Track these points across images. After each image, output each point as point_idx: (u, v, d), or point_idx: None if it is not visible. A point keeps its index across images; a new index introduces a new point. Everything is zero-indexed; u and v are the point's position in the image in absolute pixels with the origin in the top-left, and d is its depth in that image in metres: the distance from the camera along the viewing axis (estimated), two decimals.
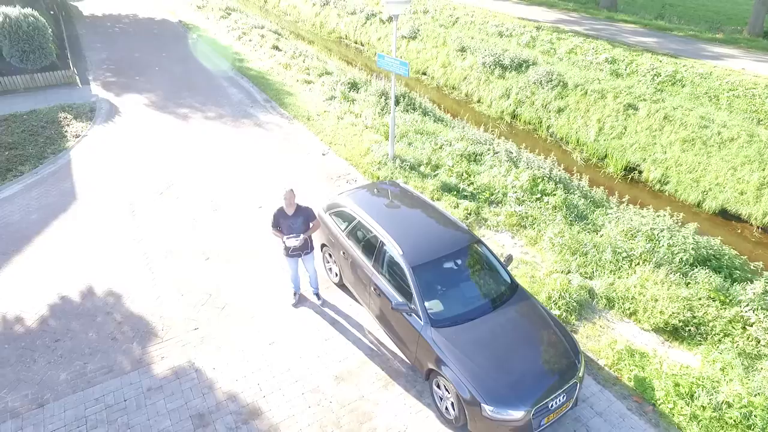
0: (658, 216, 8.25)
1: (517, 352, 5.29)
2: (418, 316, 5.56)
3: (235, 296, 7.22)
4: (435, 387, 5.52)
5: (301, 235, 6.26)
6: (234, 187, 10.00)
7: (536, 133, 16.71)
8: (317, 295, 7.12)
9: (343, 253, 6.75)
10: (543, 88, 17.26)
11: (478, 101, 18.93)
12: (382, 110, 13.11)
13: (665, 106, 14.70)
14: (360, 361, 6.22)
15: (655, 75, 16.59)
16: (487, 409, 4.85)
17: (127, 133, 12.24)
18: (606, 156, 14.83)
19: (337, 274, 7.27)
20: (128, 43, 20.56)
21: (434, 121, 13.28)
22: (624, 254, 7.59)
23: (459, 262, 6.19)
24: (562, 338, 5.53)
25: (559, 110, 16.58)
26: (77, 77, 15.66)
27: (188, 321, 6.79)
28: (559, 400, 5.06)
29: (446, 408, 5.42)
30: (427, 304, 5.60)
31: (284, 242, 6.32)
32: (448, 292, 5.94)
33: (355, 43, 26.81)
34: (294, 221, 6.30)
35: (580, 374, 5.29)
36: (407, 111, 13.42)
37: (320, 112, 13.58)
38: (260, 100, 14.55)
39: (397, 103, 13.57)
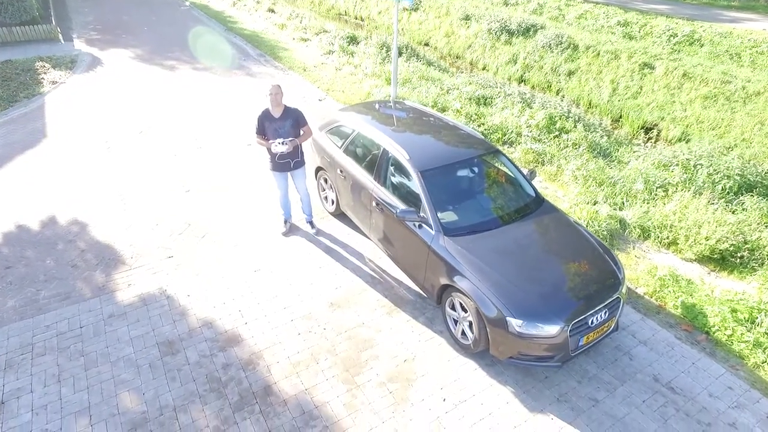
0: (691, 150, 7.39)
1: (548, 262, 4.41)
2: (429, 226, 4.67)
3: (218, 226, 6.34)
4: (449, 309, 4.63)
5: (291, 138, 5.38)
6: (221, 127, 9.12)
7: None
8: (311, 223, 6.23)
9: (341, 171, 5.87)
10: (552, 52, 16.39)
11: (484, 68, 18.02)
12: (383, 60, 12.23)
13: (684, 63, 13.85)
14: (359, 288, 5.33)
15: (671, 36, 15.74)
16: (515, 323, 3.97)
17: (109, 81, 11.35)
18: (621, 117, 13.93)
19: (333, 202, 6.39)
20: (117, 8, 19.65)
21: (440, 71, 12.41)
22: (658, 183, 6.71)
23: (475, 170, 5.33)
24: (600, 250, 4.66)
25: (570, 73, 15.70)
26: (60, 34, 14.76)
27: (162, 249, 5.90)
28: (600, 317, 4.18)
29: (462, 332, 4.54)
30: (439, 214, 4.72)
31: (270, 149, 5.44)
32: (462, 202, 5.06)
33: (355, 18, 25.94)
34: (281, 125, 5.41)
35: (623, 290, 4.42)
36: (410, 60, 12.57)
37: (317, 64, 12.71)
38: (253, 54, 13.65)
39: (399, 54, 12.70)
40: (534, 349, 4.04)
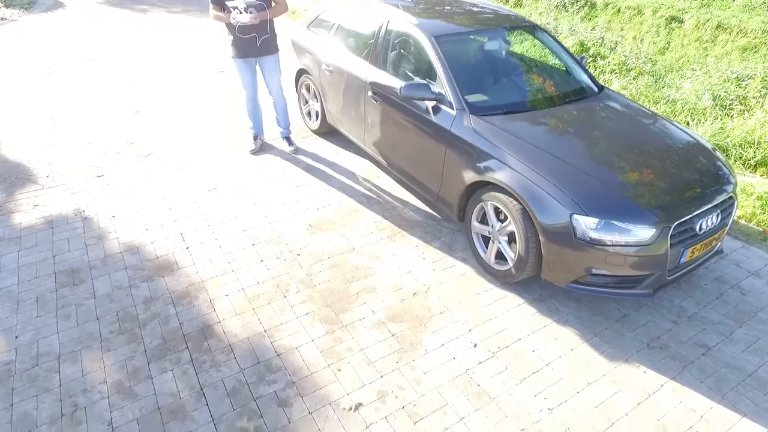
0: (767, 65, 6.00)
1: (627, 145, 2.99)
2: (448, 106, 3.25)
3: (169, 145, 4.91)
4: (476, 223, 3.20)
5: (258, 1, 3.96)
6: (191, 56, 7.68)
7: None
8: (288, 139, 4.80)
9: (326, 66, 4.44)
10: (567, 12, 14.99)
11: None
12: None
13: (717, 15, 12.46)
14: (350, 208, 3.91)
15: None
16: (585, 224, 2.54)
17: (68, 21, 9.89)
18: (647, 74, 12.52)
19: (317, 115, 4.96)
20: None
21: None
22: (731, 97, 5.31)
23: (509, 44, 3.94)
24: (698, 140, 3.25)
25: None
26: None
27: (91, 169, 4.47)
28: (711, 222, 2.76)
29: (497, 255, 3.11)
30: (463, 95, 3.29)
31: (231, 22, 4.02)
32: (493, 84, 3.66)
33: None
34: None
35: (736, 190, 3.00)
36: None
37: (308, 8, 11.27)
38: None
39: None
40: (615, 265, 2.61)
